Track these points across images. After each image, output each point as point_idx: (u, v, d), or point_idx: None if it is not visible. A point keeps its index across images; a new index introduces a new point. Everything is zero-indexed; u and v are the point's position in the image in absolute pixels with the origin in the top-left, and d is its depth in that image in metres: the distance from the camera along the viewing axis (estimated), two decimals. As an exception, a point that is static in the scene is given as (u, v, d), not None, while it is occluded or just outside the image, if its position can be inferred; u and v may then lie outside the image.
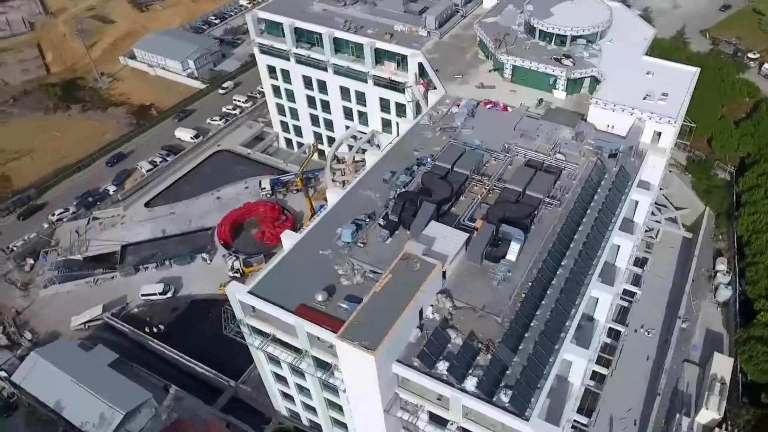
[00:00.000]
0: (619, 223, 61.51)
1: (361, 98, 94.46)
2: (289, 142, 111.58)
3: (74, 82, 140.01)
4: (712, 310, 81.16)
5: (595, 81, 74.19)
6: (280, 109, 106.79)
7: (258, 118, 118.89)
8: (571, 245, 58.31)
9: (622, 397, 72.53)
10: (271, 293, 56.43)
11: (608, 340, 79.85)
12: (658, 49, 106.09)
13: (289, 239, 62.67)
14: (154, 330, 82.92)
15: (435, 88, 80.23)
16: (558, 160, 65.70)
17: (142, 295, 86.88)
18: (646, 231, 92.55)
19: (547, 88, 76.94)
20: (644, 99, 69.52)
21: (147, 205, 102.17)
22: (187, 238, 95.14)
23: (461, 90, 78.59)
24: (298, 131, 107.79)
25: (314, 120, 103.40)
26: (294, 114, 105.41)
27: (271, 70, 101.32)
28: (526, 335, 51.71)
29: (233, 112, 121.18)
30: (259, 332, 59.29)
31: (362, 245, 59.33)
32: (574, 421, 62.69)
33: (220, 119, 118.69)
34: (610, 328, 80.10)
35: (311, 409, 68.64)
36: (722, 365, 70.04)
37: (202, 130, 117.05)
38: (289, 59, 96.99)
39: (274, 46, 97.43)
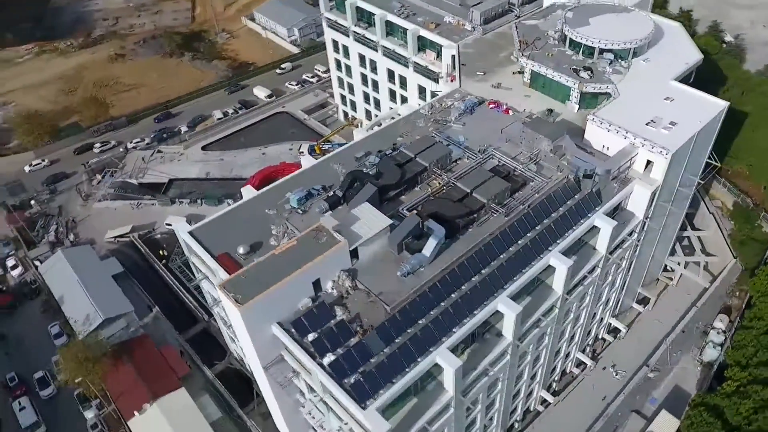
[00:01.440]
0: (563, 246, 55.98)
1: (403, 83, 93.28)
2: (345, 114, 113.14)
3: (199, 34, 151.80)
4: (691, 367, 71.23)
5: (610, 98, 67.42)
6: (340, 83, 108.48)
7: (328, 89, 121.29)
8: (501, 256, 54.33)
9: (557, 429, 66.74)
10: (206, 236, 58.46)
11: (576, 370, 74.49)
12: (740, 80, 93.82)
13: (247, 192, 64.65)
14: (163, 254, 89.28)
15: (452, 80, 77.39)
16: (528, 171, 60.91)
17: (166, 224, 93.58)
18: (663, 271, 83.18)
19: (562, 98, 71.05)
20: (647, 124, 62.03)
21: (203, 148, 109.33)
22: (224, 184, 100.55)
23: (476, 86, 74.84)
24: (354, 106, 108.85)
25: (366, 97, 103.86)
26: (351, 89, 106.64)
27: (335, 44, 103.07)
28: (408, 330, 49.52)
29: (311, 79, 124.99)
30: (199, 270, 62.14)
31: (303, 212, 59.43)
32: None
33: (297, 84, 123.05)
34: (578, 359, 74.53)
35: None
36: (665, 425, 61.52)
37: (278, 91, 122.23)
38: (348, 36, 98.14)
39: (337, 22, 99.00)
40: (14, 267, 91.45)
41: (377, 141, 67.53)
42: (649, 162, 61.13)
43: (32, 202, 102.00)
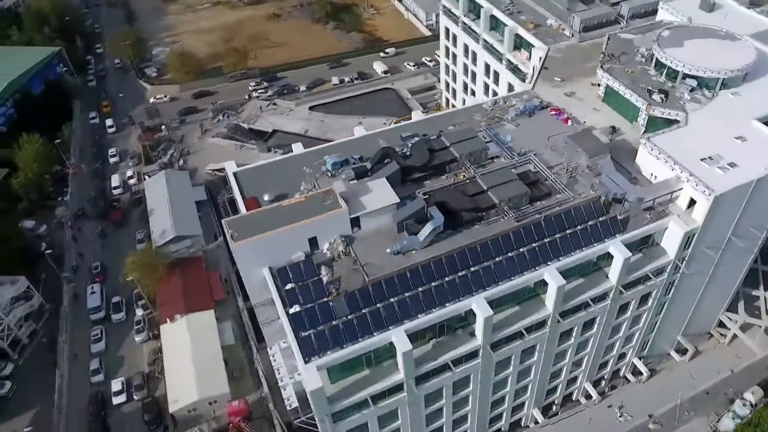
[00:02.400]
0: (564, 264, 52.21)
1: (496, 78, 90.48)
2: (447, 101, 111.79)
3: (350, 6, 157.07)
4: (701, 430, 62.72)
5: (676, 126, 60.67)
6: (446, 70, 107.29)
7: (439, 74, 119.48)
8: (495, 258, 52.03)
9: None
10: (246, 179, 62.28)
11: (583, 400, 69.53)
12: None
13: (297, 147, 67.69)
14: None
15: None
16: (559, 183, 57.14)
17: (213, 168, 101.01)
18: (718, 326, 73.85)
19: (631, 118, 65.05)
20: (702, 160, 55.19)
21: (311, 108, 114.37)
22: (317, 143, 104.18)
23: (549, 91, 70.80)
24: (454, 94, 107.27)
25: (465, 87, 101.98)
26: (454, 77, 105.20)
27: (447, 32, 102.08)
28: (376, 305, 49.46)
29: (428, 63, 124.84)
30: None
31: (331, 176, 61.03)
32: None
33: (414, 65, 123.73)
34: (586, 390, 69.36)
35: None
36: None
37: (395, 69, 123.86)
38: (458, 25, 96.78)
39: (451, 10, 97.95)
40: (131, 177, 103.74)
41: (429, 126, 66.87)
42: (692, 201, 54.70)
43: (163, 127, 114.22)
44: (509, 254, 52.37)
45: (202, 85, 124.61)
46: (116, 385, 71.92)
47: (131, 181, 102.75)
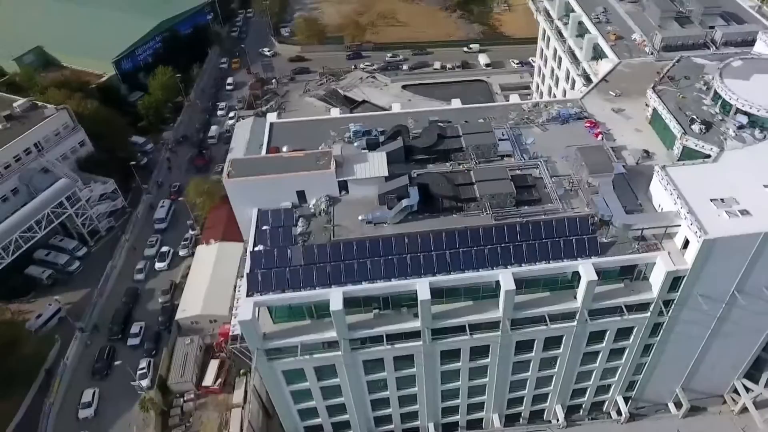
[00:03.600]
0: (525, 271, 48.84)
1: (573, 86, 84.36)
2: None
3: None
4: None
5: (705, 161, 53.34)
6: (538, 71, 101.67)
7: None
8: (456, 248, 50.00)
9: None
10: (279, 131, 65.39)
11: (554, 421, 64.99)
12: None
13: (334, 112, 69.60)
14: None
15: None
16: (554, 192, 53.35)
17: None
18: (734, 392, 64.47)
19: (668, 144, 58.19)
20: (712, 200, 48.31)
21: (404, 87, 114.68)
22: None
23: (597, 103, 65.28)
24: (540, 95, 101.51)
25: (549, 91, 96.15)
26: (543, 79, 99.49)
27: (543, 33, 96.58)
28: (329, 264, 49.86)
29: (533, 63, 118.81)
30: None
31: (348, 142, 61.96)
32: None
33: (518, 63, 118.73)
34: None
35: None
36: None
37: (499, 64, 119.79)
38: (551, 27, 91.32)
39: (549, 12, 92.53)
40: (231, 118, 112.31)
41: (464, 114, 64.98)
42: (687, 241, 48.25)
43: (274, 81, 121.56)
44: (471, 248, 50.04)
45: (321, 50, 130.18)
46: (150, 285, 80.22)
47: (229, 122, 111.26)
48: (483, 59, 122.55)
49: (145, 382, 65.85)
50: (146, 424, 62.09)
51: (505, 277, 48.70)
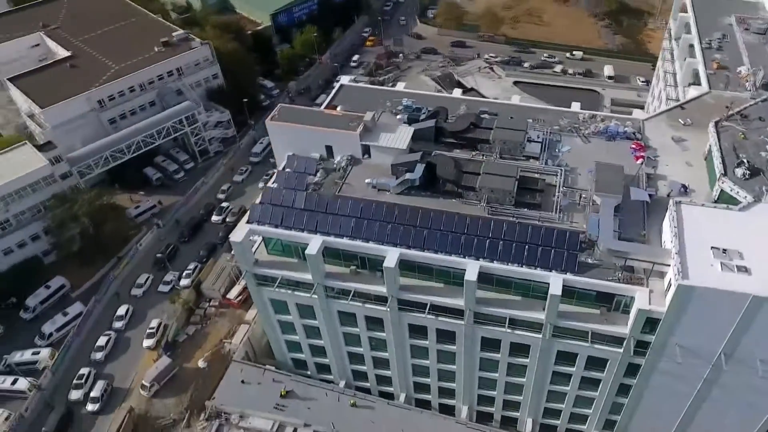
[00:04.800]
0: (490, 267, 47.02)
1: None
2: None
3: (641, 11, 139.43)
4: None
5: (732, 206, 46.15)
6: (651, 91, 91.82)
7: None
8: (437, 227, 49.39)
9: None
10: (347, 93, 67.36)
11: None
12: None
13: (399, 85, 70.69)
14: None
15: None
16: (560, 202, 50.13)
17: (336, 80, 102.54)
18: None
19: (712, 184, 51.02)
20: (712, 248, 42.13)
21: (515, 83, 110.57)
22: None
23: (660, 127, 59.03)
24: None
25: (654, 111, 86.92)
26: (653, 99, 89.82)
27: (662, 53, 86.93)
28: (320, 212, 51.87)
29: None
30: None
31: (395, 113, 62.77)
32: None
33: (644, 81, 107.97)
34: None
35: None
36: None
37: (624, 78, 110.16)
38: (668, 46, 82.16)
39: (670, 31, 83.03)
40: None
41: (517, 112, 62.39)
42: (671, 284, 42.83)
43: (401, 55, 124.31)
44: (446, 232, 49.12)
45: (455, 34, 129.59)
46: (217, 213, 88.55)
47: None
48: (607, 71, 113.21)
49: (185, 282, 74.30)
50: (174, 315, 70.39)
51: (470, 268, 47.53)
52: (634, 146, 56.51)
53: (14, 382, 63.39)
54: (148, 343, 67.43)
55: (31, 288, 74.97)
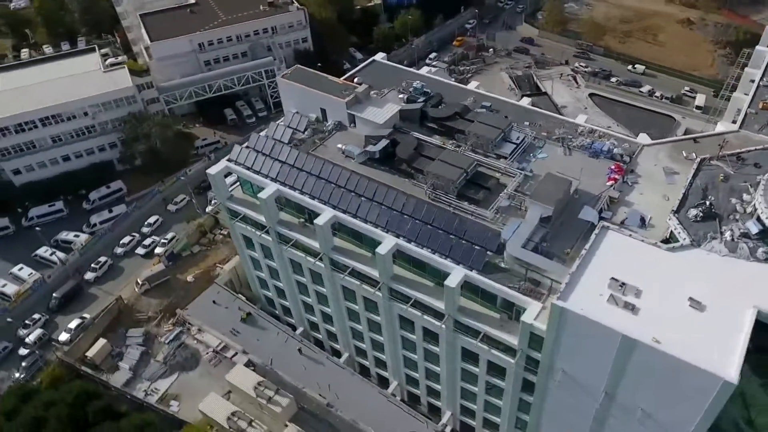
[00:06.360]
0: (403, 246, 46.38)
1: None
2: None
3: None
4: None
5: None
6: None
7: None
8: (369, 196, 49.76)
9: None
10: (374, 67, 68.93)
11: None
12: None
13: (425, 69, 69.85)
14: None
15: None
16: (499, 202, 47.78)
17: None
18: None
19: (673, 224, 45.17)
20: (612, 278, 37.99)
21: (591, 95, 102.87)
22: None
23: (653, 156, 52.24)
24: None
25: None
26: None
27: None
28: (286, 162, 54.64)
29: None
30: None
31: (402, 93, 62.49)
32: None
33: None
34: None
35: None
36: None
37: (713, 110, 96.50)
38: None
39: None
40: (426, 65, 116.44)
41: (519, 114, 59.15)
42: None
43: (491, 50, 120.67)
44: (381, 205, 49.34)
45: (554, 39, 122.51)
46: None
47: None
48: (699, 100, 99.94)
49: (209, 209, 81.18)
50: (188, 233, 77.69)
51: (386, 242, 47.49)
52: (613, 167, 51.46)
53: (52, 253, 75.03)
54: (158, 250, 75.54)
55: (99, 185, 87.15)
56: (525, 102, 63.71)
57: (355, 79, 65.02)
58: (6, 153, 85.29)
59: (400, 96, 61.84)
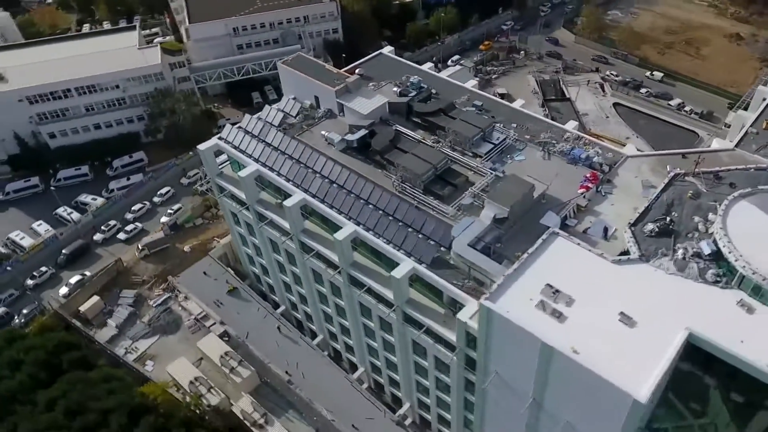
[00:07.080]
0: (361, 234, 46.44)
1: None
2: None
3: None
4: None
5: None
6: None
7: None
8: (340, 182, 50.12)
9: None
10: (379, 60, 68.13)
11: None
12: None
13: (428, 68, 69.23)
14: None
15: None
16: (463, 200, 46.99)
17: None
18: None
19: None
20: (548, 284, 36.80)
21: (615, 105, 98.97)
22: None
23: (635, 168, 49.69)
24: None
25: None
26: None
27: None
28: (271, 144, 55.83)
29: None
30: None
31: (398, 86, 62.01)
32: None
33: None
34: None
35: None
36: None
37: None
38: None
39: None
40: (453, 63, 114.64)
41: (512, 116, 57.61)
42: (495, 305, 38.44)
43: (521, 53, 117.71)
44: (347, 192, 49.87)
45: (590, 45, 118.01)
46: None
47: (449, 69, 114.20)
48: (729, 117, 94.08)
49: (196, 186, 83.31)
50: (193, 206, 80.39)
51: (345, 229, 47.79)
52: (588, 175, 49.47)
53: (70, 213, 79.46)
54: (164, 219, 78.59)
55: (124, 154, 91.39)
56: (518, 104, 61.90)
57: (357, 71, 65.44)
58: (44, 117, 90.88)
59: (395, 89, 61.65)
